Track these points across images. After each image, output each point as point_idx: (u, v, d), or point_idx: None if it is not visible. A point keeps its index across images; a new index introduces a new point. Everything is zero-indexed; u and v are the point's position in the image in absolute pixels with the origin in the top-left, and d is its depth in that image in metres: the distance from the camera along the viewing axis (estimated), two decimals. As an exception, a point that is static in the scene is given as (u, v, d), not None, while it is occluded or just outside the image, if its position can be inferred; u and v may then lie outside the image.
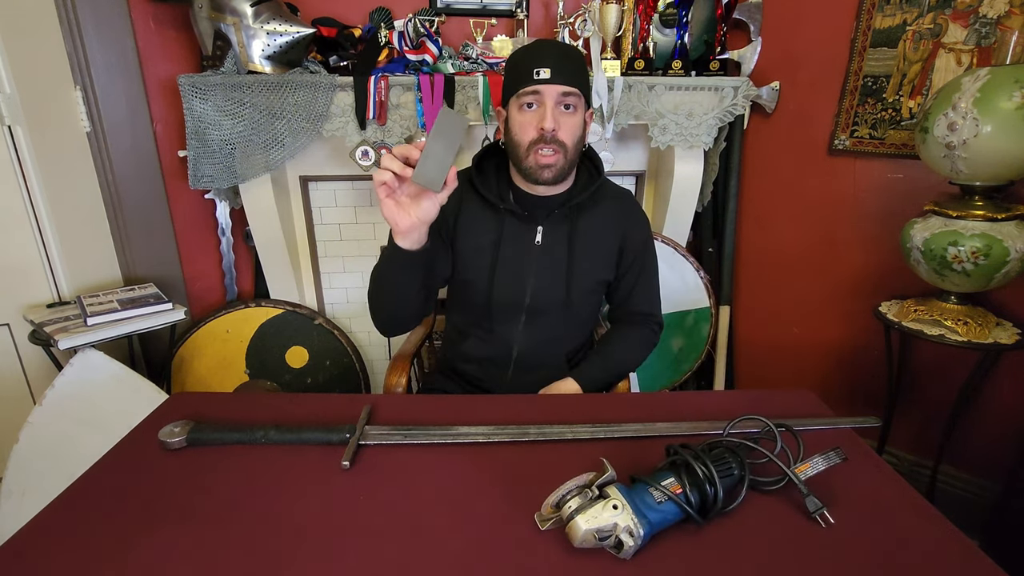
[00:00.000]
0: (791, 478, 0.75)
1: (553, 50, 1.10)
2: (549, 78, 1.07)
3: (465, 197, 1.23)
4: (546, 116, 1.08)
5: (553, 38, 1.93)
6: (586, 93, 1.13)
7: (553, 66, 1.07)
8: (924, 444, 1.78)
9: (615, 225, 1.25)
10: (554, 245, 1.21)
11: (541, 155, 1.10)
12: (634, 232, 1.27)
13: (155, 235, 1.98)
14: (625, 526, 0.65)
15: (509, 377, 1.28)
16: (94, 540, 0.71)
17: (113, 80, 1.79)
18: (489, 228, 1.21)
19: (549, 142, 1.09)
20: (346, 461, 0.84)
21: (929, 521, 0.74)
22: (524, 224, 1.21)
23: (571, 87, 1.09)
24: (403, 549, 0.69)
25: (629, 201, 1.30)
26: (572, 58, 1.11)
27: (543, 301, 1.22)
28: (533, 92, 1.08)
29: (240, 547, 0.70)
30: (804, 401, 1.04)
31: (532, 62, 1.08)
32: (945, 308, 1.50)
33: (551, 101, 1.08)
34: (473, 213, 1.22)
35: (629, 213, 1.27)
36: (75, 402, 1.59)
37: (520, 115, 1.12)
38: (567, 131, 1.11)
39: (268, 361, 2.13)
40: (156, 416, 0.98)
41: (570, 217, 1.22)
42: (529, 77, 1.07)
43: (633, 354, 1.31)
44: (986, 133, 1.28)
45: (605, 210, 1.24)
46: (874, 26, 1.69)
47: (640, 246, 1.28)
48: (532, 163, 1.12)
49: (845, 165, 1.83)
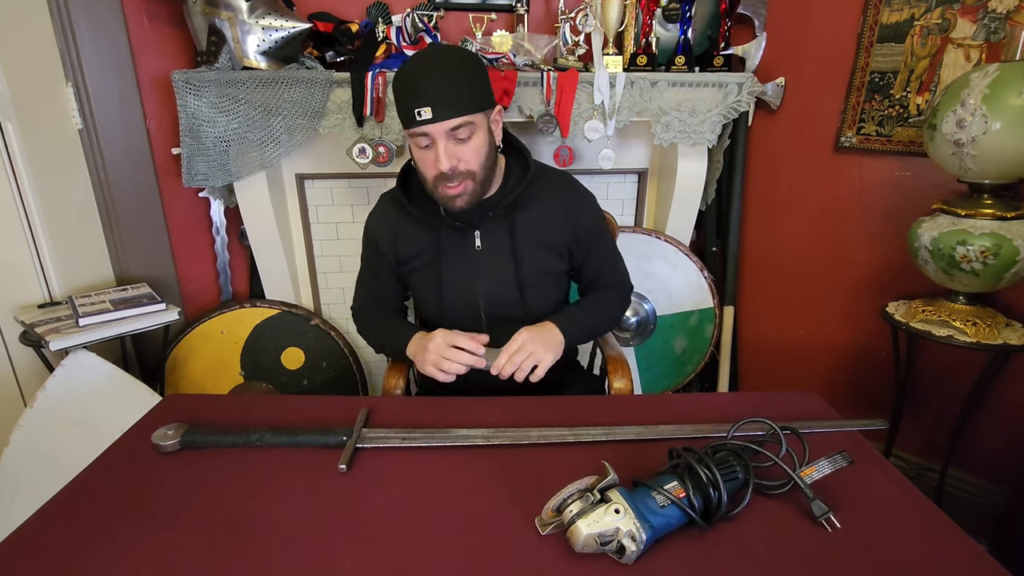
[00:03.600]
0: (796, 482, 0.75)
1: (431, 78, 1.00)
2: (432, 118, 1.00)
3: (397, 218, 1.22)
4: (440, 158, 1.03)
5: (444, 44, 1.83)
6: (480, 105, 1.06)
7: (434, 102, 0.99)
8: (932, 447, 1.78)
9: (561, 219, 1.21)
10: (495, 247, 1.19)
11: (448, 188, 1.07)
12: (583, 219, 1.23)
13: (148, 234, 1.97)
14: (627, 530, 0.65)
15: (497, 379, 1.26)
16: (86, 545, 0.71)
17: (106, 76, 1.78)
18: (427, 243, 1.20)
19: (452, 177, 1.06)
20: (343, 464, 0.84)
21: (937, 526, 0.74)
22: (460, 233, 1.19)
23: (459, 118, 1.02)
24: (401, 554, 0.69)
25: (570, 187, 1.25)
26: (455, 77, 1.02)
27: (498, 304, 1.21)
28: (422, 134, 1.03)
29: (235, 552, 0.70)
30: (810, 403, 1.04)
31: (412, 100, 1.00)
32: (953, 308, 1.50)
33: (442, 140, 1.03)
34: (408, 232, 1.21)
35: (573, 202, 1.23)
36: (67, 404, 1.58)
37: (418, 152, 1.08)
38: (468, 159, 1.07)
39: (263, 362, 2.13)
40: (149, 419, 0.98)
41: (507, 216, 1.19)
42: (412, 117, 1.01)
43: (611, 306, 1.30)
44: (995, 130, 1.29)
45: (545, 201, 1.21)
46: (881, 21, 1.68)
47: (594, 231, 1.25)
48: (442, 195, 1.09)
49: (851, 163, 1.82)
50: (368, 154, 1.82)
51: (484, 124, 1.08)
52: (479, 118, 1.06)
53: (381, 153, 1.82)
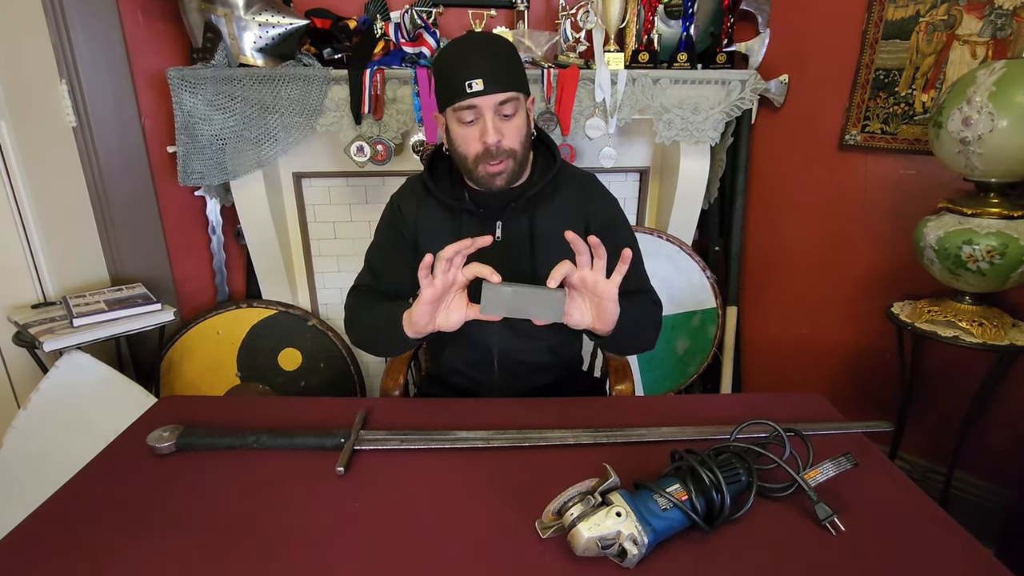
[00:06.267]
0: (800, 484, 0.75)
1: (481, 54, 1.04)
2: (483, 89, 1.01)
3: (422, 202, 1.22)
4: (487, 131, 1.04)
5: (484, 31, 1.84)
6: (522, 86, 1.09)
7: (485, 75, 1.01)
8: (937, 449, 1.77)
9: (577, 211, 1.22)
10: (514, 239, 1.20)
11: (490, 166, 1.08)
12: (597, 212, 1.22)
13: (143, 233, 1.96)
14: (629, 534, 0.65)
15: (496, 380, 1.26)
16: (81, 548, 0.71)
17: (100, 73, 1.77)
18: (448, 230, 1.20)
19: (496, 155, 1.07)
20: (341, 467, 0.83)
21: (943, 529, 0.74)
22: (482, 222, 1.19)
23: (507, 92, 1.04)
24: (399, 558, 0.69)
25: (590, 184, 1.27)
26: (501, 56, 1.05)
27: None
28: (469, 107, 1.05)
29: (231, 555, 0.69)
30: (814, 405, 1.04)
31: (462, 73, 1.02)
32: (959, 309, 1.50)
33: (489, 113, 1.04)
34: (431, 217, 1.21)
35: (590, 196, 1.24)
36: (61, 406, 1.58)
37: (460, 128, 1.09)
38: (511, 137, 1.08)
39: (260, 363, 2.12)
40: (145, 420, 0.98)
41: (529, 209, 1.20)
42: (462, 90, 1.02)
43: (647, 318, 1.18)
44: (1002, 128, 1.29)
45: (566, 197, 1.22)
46: (886, 17, 1.67)
47: (605, 224, 1.23)
48: (482, 174, 1.10)
49: (856, 161, 1.82)
50: (366, 152, 1.82)
51: (523, 108, 1.11)
52: (521, 99, 1.09)
53: (379, 151, 1.82)
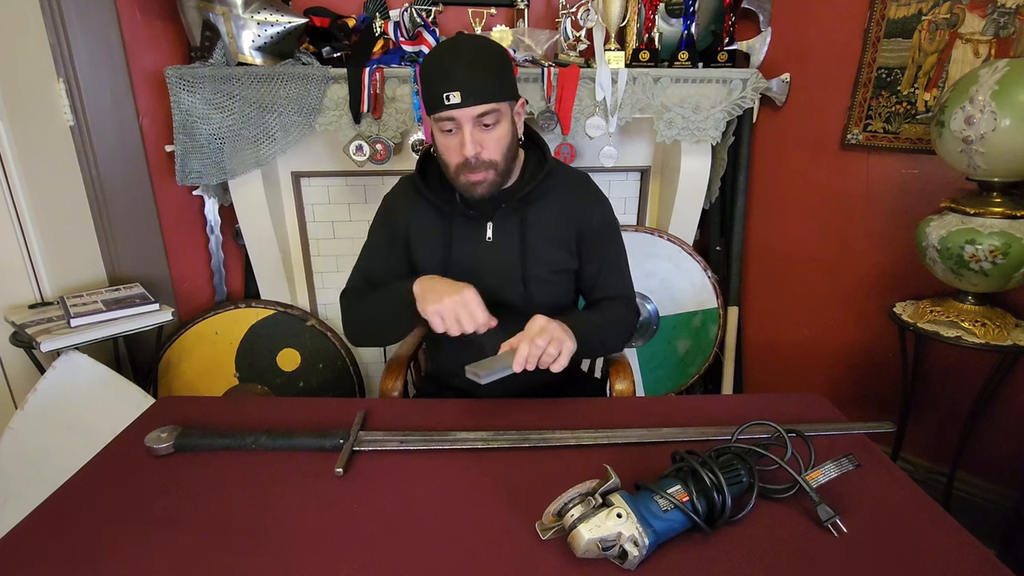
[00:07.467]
0: (802, 486, 0.75)
1: (462, 64, 1.02)
2: (460, 103, 1.01)
3: (413, 203, 1.22)
4: (465, 143, 1.04)
5: (473, 34, 1.82)
6: (506, 94, 1.07)
7: (463, 87, 1.00)
8: (940, 450, 1.77)
9: (569, 211, 1.22)
10: (505, 239, 1.19)
11: (470, 176, 1.08)
12: (589, 212, 1.22)
13: (141, 233, 1.95)
14: (629, 535, 0.65)
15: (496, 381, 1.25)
16: (78, 549, 0.71)
17: (97, 72, 1.76)
18: (439, 231, 1.21)
19: (475, 166, 1.07)
20: (340, 468, 0.83)
21: (945, 530, 0.74)
22: (473, 222, 1.19)
23: (486, 105, 1.03)
24: (399, 559, 0.69)
25: (583, 185, 1.26)
26: (483, 65, 1.03)
27: (501, 297, 1.20)
28: (448, 118, 1.04)
29: (229, 557, 0.69)
30: (815, 405, 1.04)
31: (441, 85, 1.01)
32: (962, 309, 1.50)
33: (468, 125, 1.04)
34: (423, 217, 1.22)
35: (582, 197, 1.24)
36: (58, 406, 1.57)
37: (442, 137, 1.09)
38: (491, 148, 1.07)
39: (259, 364, 2.11)
40: (142, 421, 0.98)
41: (520, 210, 1.19)
42: (440, 102, 1.02)
43: (615, 320, 1.23)
44: (1005, 127, 1.28)
45: (558, 197, 1.21)
46: (888, 16, 1.67)
47: (597, 226, 1.24)
48: (463, 183, 1.10)
49: (858, 160, 1.82)
50: (365, 151, 1.82)
51: (509, 114, 1.10)
52: (505, 107, 1.07)
53: (378, 150, 1.82)
